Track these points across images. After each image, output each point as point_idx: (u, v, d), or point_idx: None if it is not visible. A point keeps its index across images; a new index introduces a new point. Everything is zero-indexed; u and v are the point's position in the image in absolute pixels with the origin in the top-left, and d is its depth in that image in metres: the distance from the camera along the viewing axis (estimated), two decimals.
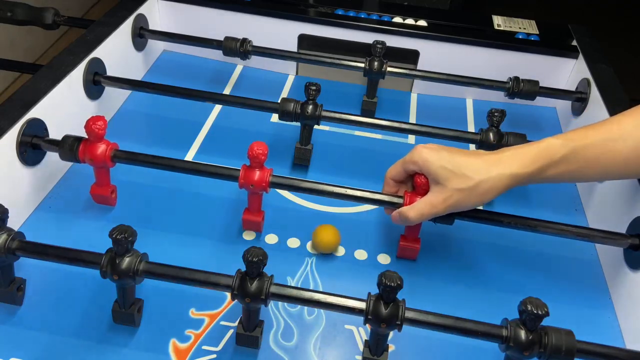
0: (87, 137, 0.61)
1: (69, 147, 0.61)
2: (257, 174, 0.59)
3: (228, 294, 0.54)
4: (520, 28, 0.93)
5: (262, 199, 0.63)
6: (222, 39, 0.84)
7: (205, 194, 0.70)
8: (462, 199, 0.54)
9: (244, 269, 0.49)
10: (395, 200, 0.59)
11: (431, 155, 0.55)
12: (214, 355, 0.53)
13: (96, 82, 0.75)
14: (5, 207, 0.51)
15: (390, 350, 0.53)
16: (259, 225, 0.64)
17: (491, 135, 0.69)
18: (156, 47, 0.94)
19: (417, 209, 0.56)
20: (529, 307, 0.45)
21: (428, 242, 0.66)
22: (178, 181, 0.69)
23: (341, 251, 0.64)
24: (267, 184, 0.60)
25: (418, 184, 0.57)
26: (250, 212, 0.63)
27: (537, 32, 0.92)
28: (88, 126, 0.60)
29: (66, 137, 0.62)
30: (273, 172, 0.60)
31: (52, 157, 0.65)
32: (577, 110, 0.84)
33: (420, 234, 0.62)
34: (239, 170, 0.60)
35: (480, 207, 0.71)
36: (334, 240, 0.63)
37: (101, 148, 0.61)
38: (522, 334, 0.46)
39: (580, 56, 0.87)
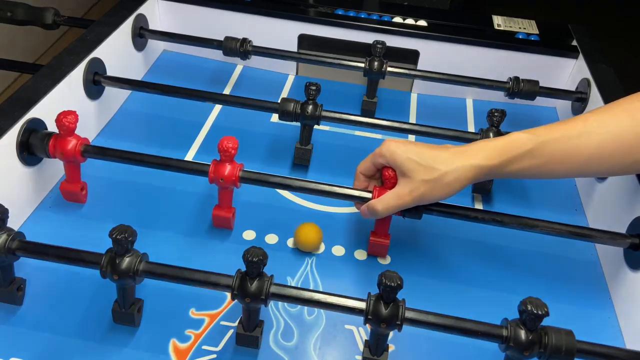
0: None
1: (39, 141, 0.61)
2: (227, 169, 0.59)
3: (228, 294, 0.54)
4: (520, 28, 0.93)
5: (232, 195, 0.63)
6: (222, 39, 0.84)
7: (201, 192, 0.70)
8: (428, 190, 0.54)
9: (239, 268, 0.49)
10: (365, 195, 0.59)
11: (398, 148, 0.56)
12: (214, 355, 0.53)
13: (96, 82, 0.75)
14: (5, 207, 0.51)
15: (390, 350, 0.53)
16: (229, 222, 0.64)
17: (491, 135, 0.69)
18: (156, 47, 0.94)
19: (385, 201, 0.56)
20: (529, 307, 0.45)
21: (430, 242, 0.66)
22: (180, 181, 0.69)
23: (341, 251, 0.64)
24: (237, 178, 0.60)
25: (386, 177, 0.58)
26: (221, 207, 0.63)
27: (537, 32, 0.92)
28: (59, 120, 0.60)
29: (37, 132, 0.62)
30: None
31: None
32: (577, 110, 0.84)
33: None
34: (209, 165, 0.60)
35: (480, 207, 0.71)
36: (314, 239, 0.63)
37: (72, 143, 0.61)
38: (522, 334, 0.46)
39: (580, 56, 0.87)
